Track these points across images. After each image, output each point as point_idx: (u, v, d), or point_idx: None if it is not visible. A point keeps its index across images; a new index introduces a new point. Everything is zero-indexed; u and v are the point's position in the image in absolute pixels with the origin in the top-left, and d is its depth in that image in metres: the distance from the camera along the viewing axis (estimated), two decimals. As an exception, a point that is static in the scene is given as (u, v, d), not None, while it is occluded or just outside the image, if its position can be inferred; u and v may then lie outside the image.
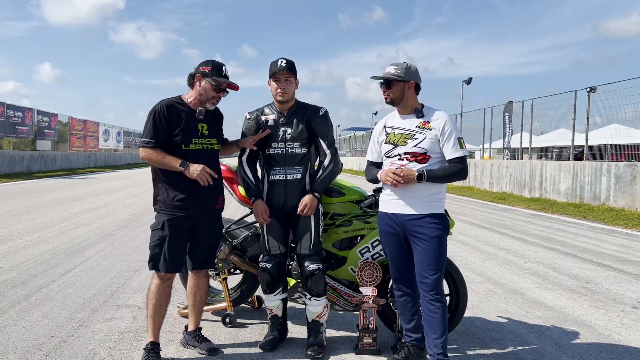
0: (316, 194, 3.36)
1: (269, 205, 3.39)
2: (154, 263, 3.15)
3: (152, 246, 3.16)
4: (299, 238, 3.38)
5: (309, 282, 3.30)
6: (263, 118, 3.42)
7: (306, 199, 3.32)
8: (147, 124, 3.13)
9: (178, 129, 3.13)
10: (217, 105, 3.35)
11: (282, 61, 3.30)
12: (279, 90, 3.32)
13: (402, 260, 3.12)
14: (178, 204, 3.14)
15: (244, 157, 3.46)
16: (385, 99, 3.09)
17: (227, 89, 3.27)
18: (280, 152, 3.38)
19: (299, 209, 3.32)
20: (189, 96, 3.25)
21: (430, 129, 2.99)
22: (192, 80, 3.23)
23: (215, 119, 3.35)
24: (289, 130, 3.37)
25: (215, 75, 3.16)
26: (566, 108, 15.17)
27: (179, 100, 3.23)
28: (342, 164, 3.57)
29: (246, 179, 3.44)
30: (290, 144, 3.38)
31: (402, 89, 3.04)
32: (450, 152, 2.98)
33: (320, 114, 3.43)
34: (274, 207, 3.40)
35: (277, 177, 3.39)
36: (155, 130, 3.11)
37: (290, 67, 3.31)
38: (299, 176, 3.38)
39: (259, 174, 3.51)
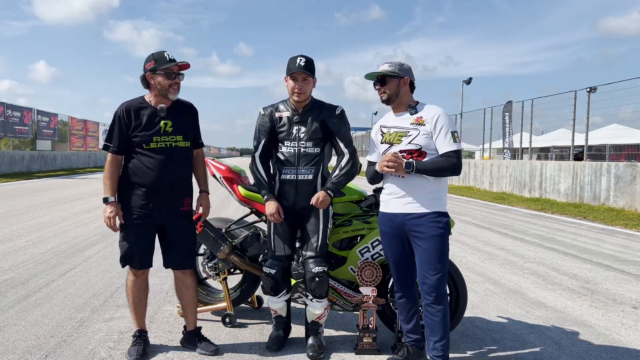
0: (330, 192, 3.28)
1: None
2: (124, 260, 3.21)
3: (119, 244, 3.21)
4: (306, 239, 3.34)
5: (312, 284, 3.26)
6: (277, 115, 3.35)
7: (320, 194, 3.26)
8: (110, 127, 3.18)
9: (138, 129, 3.12)
10: (190, 101, 3.34)
11: (301, 60, 3.22)
12: (296, 89, 3.24)
13: (402, 261, 3.10)
14: (136, 203, 3.13)
15: (257, 154, 3.39)
16: (382, 97, 3.07)
17: (181, 72, 3.21)
18: (292, 150, 3.31)
19: (312, 200, 3.25)
20: (149, 96, 3.22)
21: (424, 125, 2.96)
22: (145, 82, 3.21)
23: (184, 114, 3.27)
24: (303, 129, 3.30)
25: (161, 66, 3.12)
26: (566, 108, 15.18)
27: (142, 100, 3.21)
28: (360, 165, 3.44)
29: (258, 176, 3.37)
30: (304, 143, 3.30)
31: (397, 85, 3.03)
32: (443, 145, 2.93)
33: (337, 113, 3.35)
34: (283, 207, 3.33)
35: (288, 177, 3.32)
36: (115, 134, 3.14)
37: (309, 67, 3.24)
38: (310, 177, 3.31)
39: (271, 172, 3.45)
